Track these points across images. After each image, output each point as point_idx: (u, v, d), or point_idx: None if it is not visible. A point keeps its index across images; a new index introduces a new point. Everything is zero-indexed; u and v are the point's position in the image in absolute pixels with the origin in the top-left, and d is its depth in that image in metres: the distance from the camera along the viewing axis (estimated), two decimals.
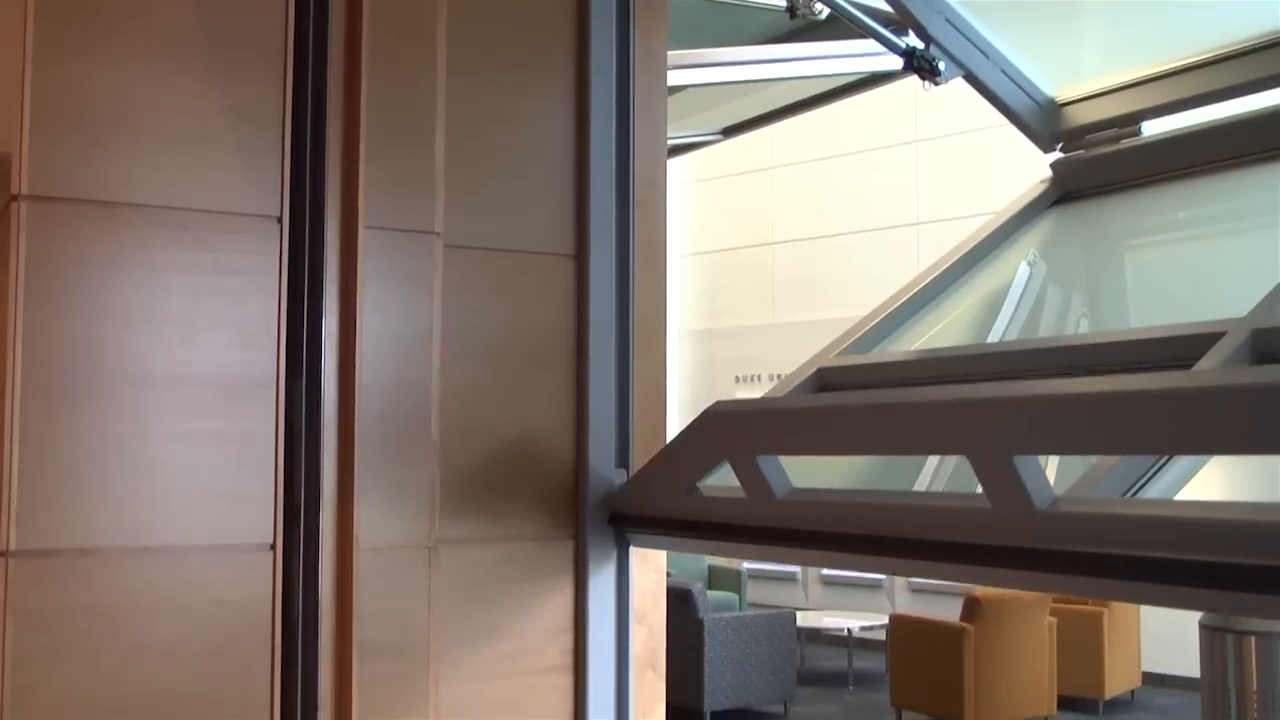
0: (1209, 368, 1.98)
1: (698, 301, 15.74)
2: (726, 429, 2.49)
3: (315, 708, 2.43)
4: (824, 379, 2.90)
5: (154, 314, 2.34)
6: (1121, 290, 3.09)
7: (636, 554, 2.88)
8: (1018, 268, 3.08)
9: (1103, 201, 3.17)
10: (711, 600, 10.50)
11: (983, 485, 1.94)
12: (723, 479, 2.56)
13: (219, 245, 2.39)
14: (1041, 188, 3.24)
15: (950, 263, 3.10)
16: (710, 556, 13.90)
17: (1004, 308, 2.99)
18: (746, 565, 13.33)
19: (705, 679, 8.11)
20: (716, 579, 13.01)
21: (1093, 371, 2.35)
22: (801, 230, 15.08)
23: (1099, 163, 3.14)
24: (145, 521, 2.31)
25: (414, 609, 2.53)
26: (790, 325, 14.40)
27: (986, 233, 3.16)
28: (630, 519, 2.81)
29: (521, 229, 2.78)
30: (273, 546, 2.40)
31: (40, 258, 2.24)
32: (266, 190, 2.44)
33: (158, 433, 2.33)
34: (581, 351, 2.81)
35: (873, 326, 2.98)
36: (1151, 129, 3.08)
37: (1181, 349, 2.13)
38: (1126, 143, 3.08)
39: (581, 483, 2.80)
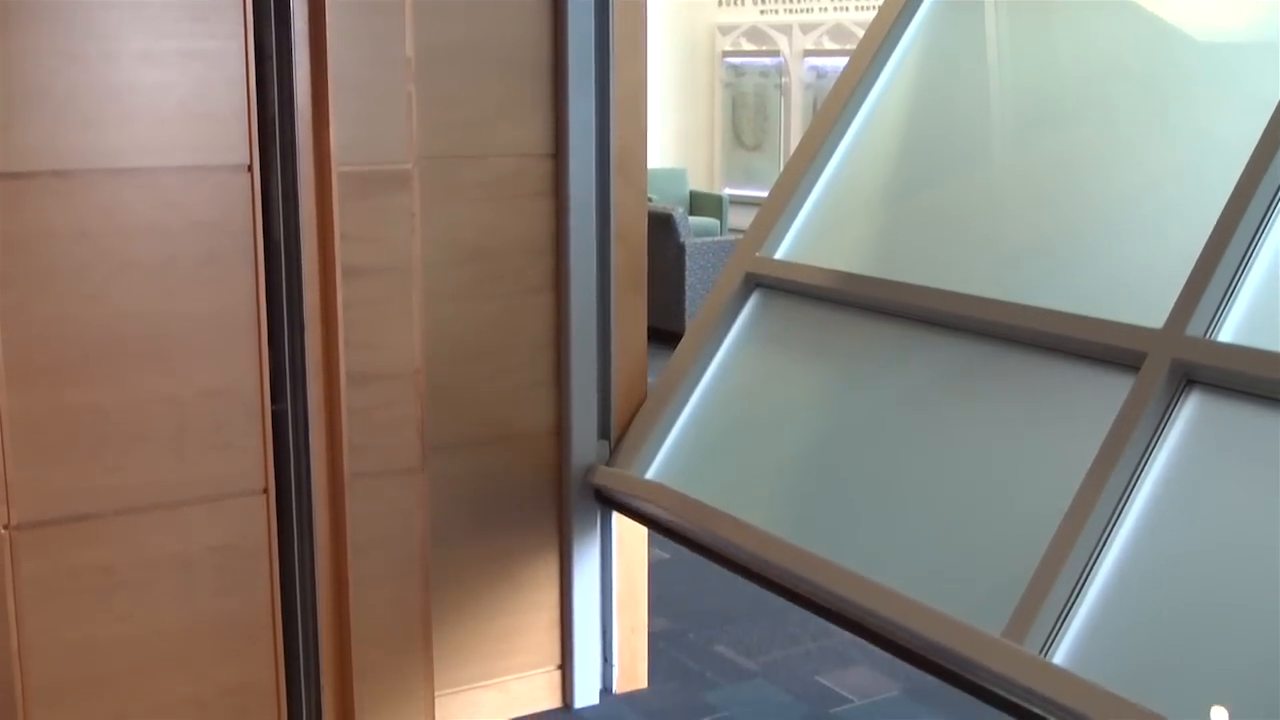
0: (1134, 417, 2.07)
1: None
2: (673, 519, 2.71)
3: (301, 326, 2.47)
4: (755, 281, 2.94)
5: None
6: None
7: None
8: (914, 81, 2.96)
9: None
10: (692, 225, 10.59)
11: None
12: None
13: None
14: None
15: (845, 97, 2.98)
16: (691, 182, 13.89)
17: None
18: (728, 191, 13.34)
19: (686, 302, 8.25)
20: (698, 204, 13.05)
21: (1030, 345, 2.38)
22: None
23: None
24: (117, 143, 2.27)
25: (395, 228, 2.53)
26: None
27: (870, 51, 2.98)
28: (612, 500, 2.93)
29: None
30: (249, 167, 2.38)
31: None
32: None
33: (123, 52, 2.26)
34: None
35: (800, 183, 2.94)
36: None
37: (1116, 357, 2.19)
38: None
39: (561, 102, 2.77)
